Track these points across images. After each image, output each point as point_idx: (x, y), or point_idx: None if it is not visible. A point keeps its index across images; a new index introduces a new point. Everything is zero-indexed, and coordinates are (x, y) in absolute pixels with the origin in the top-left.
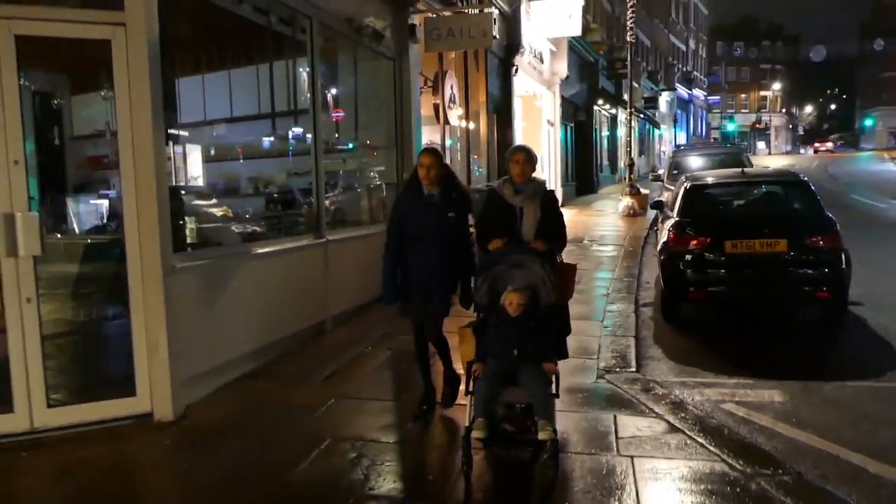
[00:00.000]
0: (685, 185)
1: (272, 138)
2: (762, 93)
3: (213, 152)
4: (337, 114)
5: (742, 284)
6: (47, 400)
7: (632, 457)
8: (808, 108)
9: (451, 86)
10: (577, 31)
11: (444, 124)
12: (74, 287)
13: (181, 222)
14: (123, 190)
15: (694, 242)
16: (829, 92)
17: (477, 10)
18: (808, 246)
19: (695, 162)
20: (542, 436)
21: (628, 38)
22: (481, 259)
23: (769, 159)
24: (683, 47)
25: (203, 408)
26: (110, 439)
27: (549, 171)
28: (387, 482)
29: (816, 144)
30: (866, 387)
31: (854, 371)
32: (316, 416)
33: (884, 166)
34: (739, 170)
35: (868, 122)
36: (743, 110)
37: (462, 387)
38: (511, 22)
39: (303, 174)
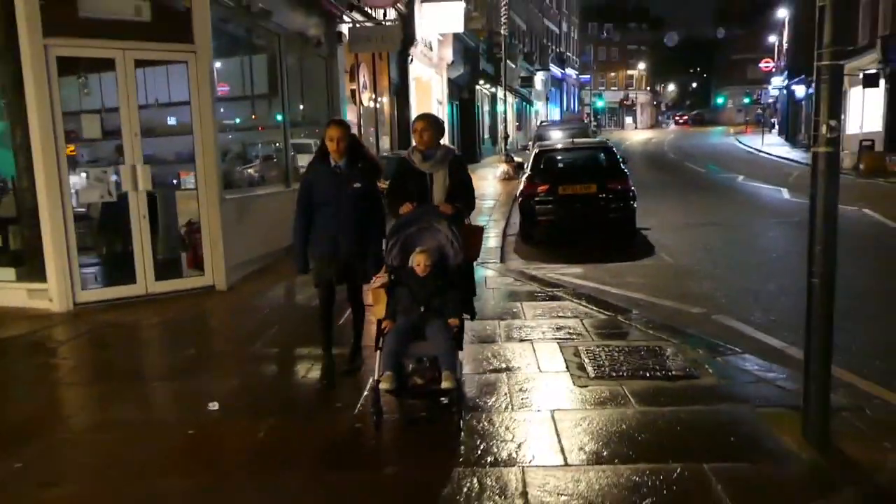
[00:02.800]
0: (535, 150)
1: (255, 117)
2: (629, 72)
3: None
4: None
5: (569, 214)
6: (157, 275)
7: (493, 288)
8: (671, 87)
9: (364, 75)
10: (461, 29)
11: (359, 105)
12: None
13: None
14: (196, 153)
15: (540, 188)
16: (690, 71)
17: (387, 23)
18: (610, 188)
19: (554, 134)
20: (445, 385)
21: (503, 31)
22: (393, 223)
23: (633, 133)
24: (557, 30)
25: (242, 284)
26: (193, 299)
27: None
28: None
29: (676, 118)
30: (627, 264)
31: (625, 258)
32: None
33: (725, 140)
34: (571, 140)
35: (720, 100)
36: (612, 88)
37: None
38: (407, 20)
39: (271, 142)
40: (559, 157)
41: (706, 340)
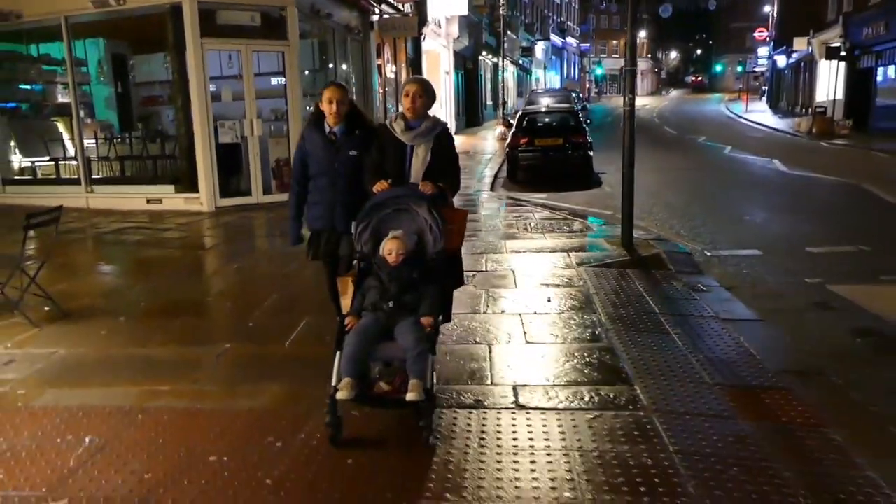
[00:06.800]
0: (519, 113)
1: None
2: None
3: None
4: None
5: (543, 160)
6: (263, 191)
7: (484, 202)
8: (674, 54)
9: (387, 51)
10: (465, 11)
11: (384, 76)
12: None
13: None
14: (289, 111)
15: (522, 140)
16: (696, 38)
17: (408, 14)
18: (572, 141)
19: (542, 100)
20: (409, 396)
21: (502, 9)
22: (366, 203)
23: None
24: (557, 0)
25: None
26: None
27: (445, 109)
28: None
29: (690, 79)
30: (578, 192)
31: (578, 189)
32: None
33: (716, 107)
34: (547, 104)
35: (719, 68)
36: (613, 55)
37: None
38: (419, 5)
39: None
40: (537, 118)
41: (600, 221)
